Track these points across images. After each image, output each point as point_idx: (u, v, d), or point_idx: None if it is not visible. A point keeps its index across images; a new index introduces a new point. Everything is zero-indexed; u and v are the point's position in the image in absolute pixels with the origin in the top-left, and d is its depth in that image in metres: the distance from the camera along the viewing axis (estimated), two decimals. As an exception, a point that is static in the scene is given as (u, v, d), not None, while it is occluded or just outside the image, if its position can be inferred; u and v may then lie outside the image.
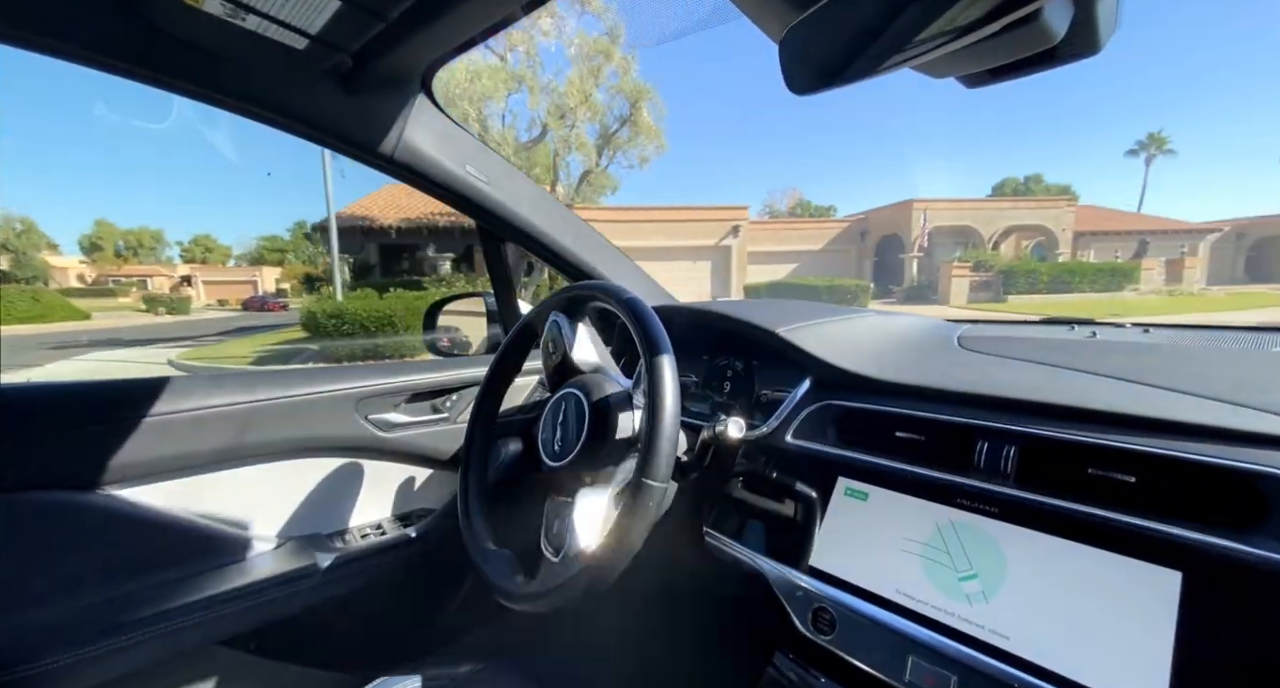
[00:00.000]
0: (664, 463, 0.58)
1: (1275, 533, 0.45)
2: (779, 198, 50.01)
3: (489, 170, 1.03)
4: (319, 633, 1.04)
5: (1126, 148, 42.74)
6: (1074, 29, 0.40)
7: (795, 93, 0.49)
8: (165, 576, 0.86)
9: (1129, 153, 41.93)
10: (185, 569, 0.88)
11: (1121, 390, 0.60)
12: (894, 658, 0.58)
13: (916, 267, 20.39)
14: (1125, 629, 0.48)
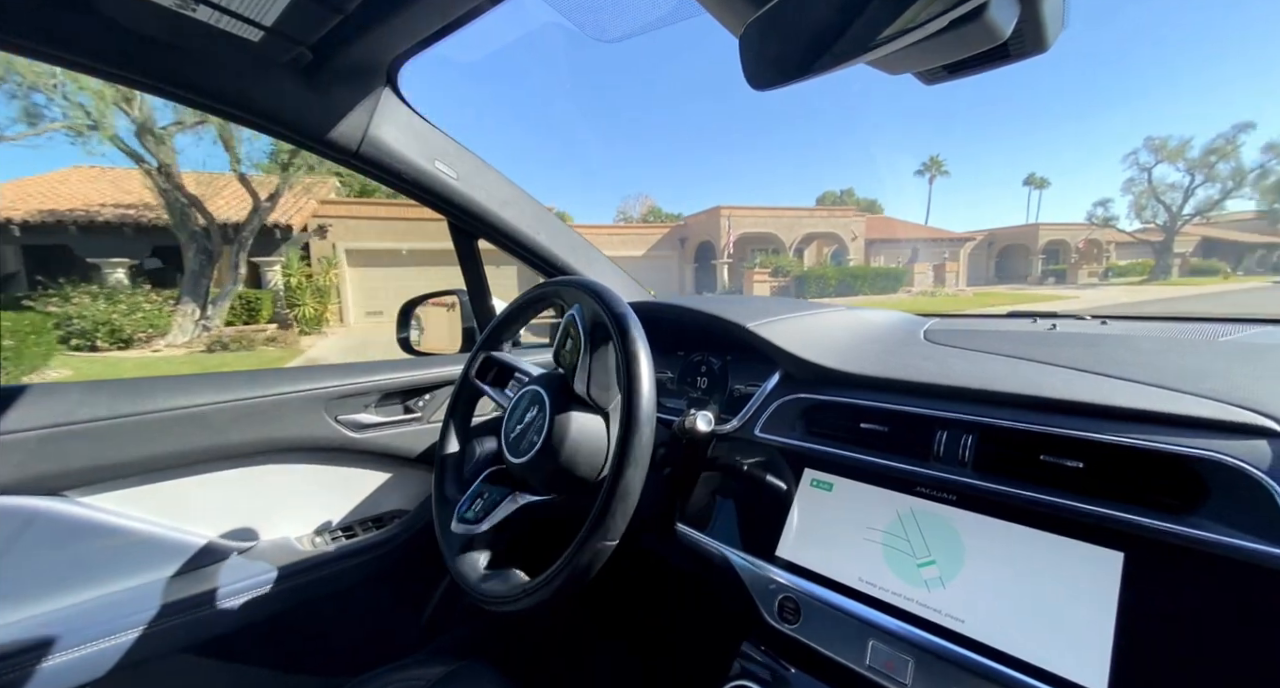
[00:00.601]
0: (642, 452, 0.57)
1: (1212, 515, 0.47)
2: (632, 205, 50.51)
3: (459, 166, 1.03)
4: (289, 638, 1.03)
5: (915, 169, 51.39)
6: (1022, 27, 0.43)
7: (755, 88, 0.50)
8: (126, 583, 0.84)
9: (917, 173, 51.02)
10: (148, 576, 0.86)
11: (1075, 380, 0.62)
12: (855, 644, 0.59)
13: (727, 272, 21.05)
14: (1071, 609, 0.49)
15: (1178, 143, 30.82)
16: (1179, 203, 30.95)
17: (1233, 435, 0.48)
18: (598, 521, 0.57)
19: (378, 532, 1.09)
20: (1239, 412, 0.50)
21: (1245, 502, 0.45)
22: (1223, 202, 31.13)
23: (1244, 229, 35.76)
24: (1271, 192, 34.05)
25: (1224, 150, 30.32)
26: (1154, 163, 31.53)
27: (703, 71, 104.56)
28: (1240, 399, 0.51)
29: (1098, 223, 31.29)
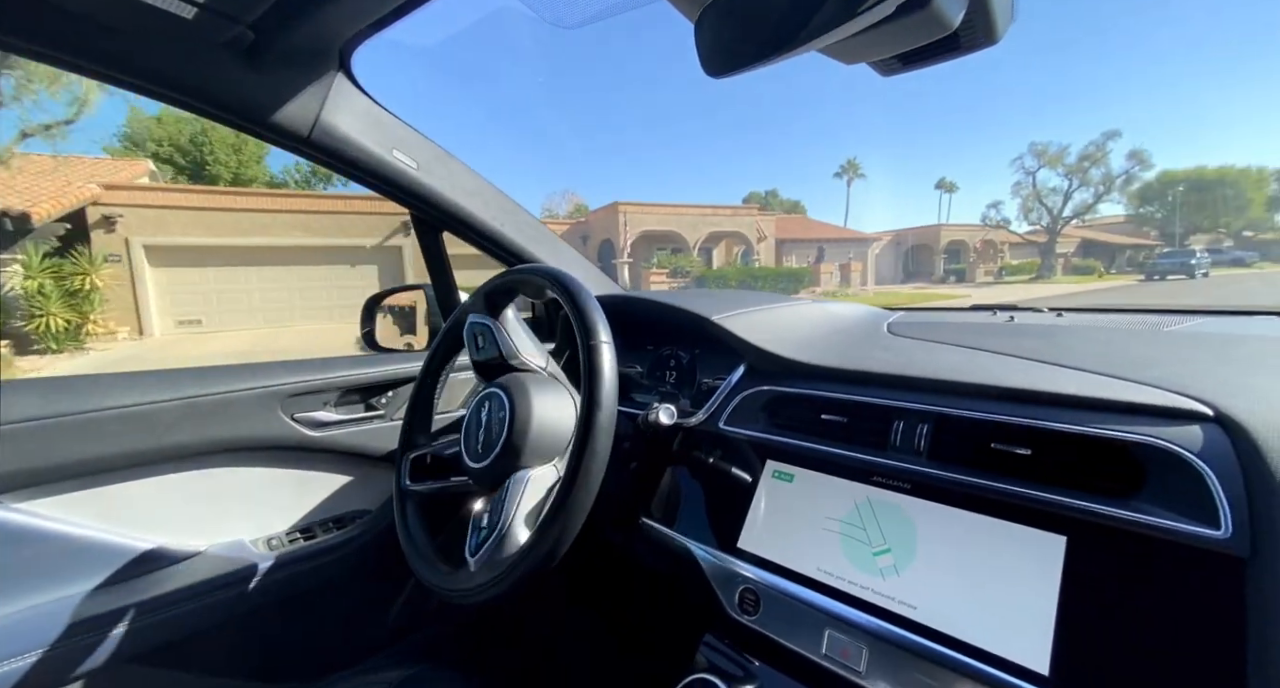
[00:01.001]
0: (602, 444, 0.57)
1: (1149, 498, 0.48)
2: (558, 201, 49.82)
3: (419, 155, 1.00)
4: (245, 644, 1.00)
5: (833, 171, 52.91)
6: (971, 19, 0.43)
7: (710, 74, 0.49)
8: (64, 592, 0.80)
9: (835, 175, 51.95)
10: (87, 584, 0.82)
11: (1028, 369, 0.63)
12: (812, 633, 0.60)
13: (627, 272, 20.09)
14: (1017, 593, 0.50)
15: (1057, 149, 32.86)
16: (1059, 206, 32.85)
17: (1170, 421, 0.50)
18: (555, 512, 0.56)
19: (338, 533, 1.06)
20: (1175, 398, 0.51)
21: (1180, 485, 0.47)
22: (1095, 205, 33.49)
23: (1116, 232, 39.23)
24: (1136, 196, 37.20)
25: (1095, 156, 32.32)
26: (1037, 167, 33.26)
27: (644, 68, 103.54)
28: (1177, 386, 0.53)
29: (991, 224, 32.87)
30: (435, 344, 0.87)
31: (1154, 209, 38.67)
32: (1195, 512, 0.45)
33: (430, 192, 1.04)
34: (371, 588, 1.14)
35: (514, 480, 0.66)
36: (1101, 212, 35.87)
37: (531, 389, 0.72)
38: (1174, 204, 37.00)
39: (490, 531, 0.63)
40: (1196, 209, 37.65)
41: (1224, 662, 0.41)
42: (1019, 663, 0.48)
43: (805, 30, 0.42)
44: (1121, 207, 34.87)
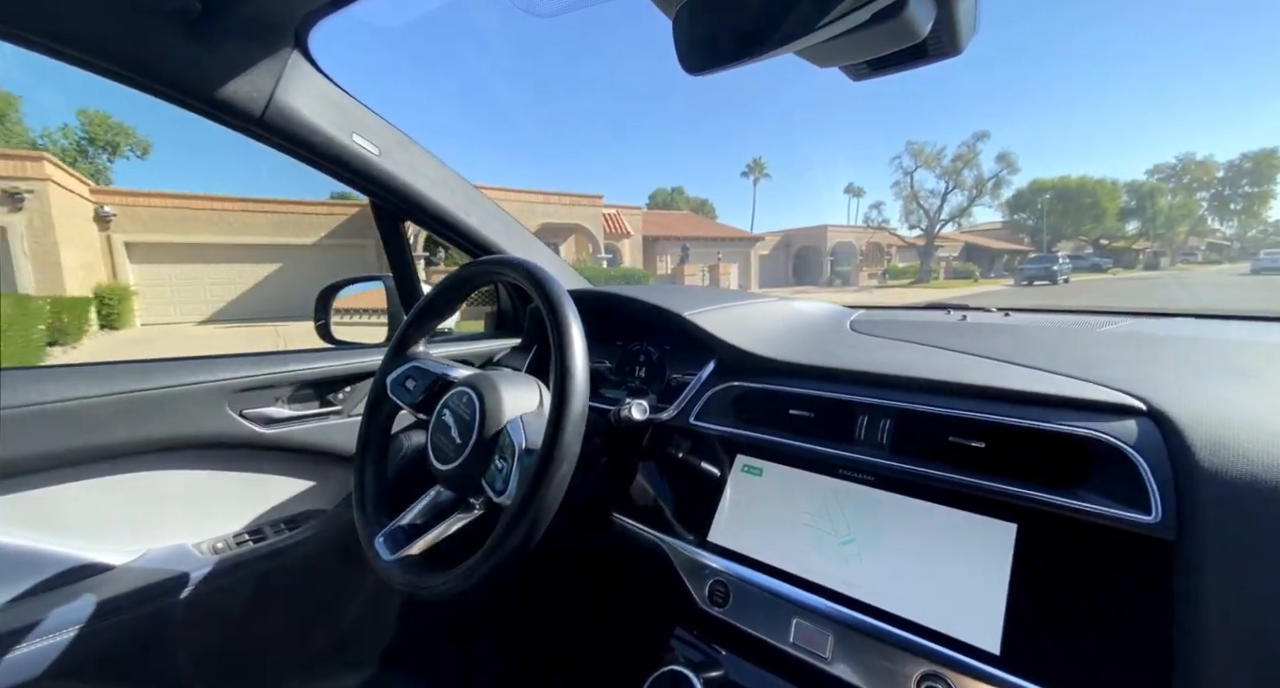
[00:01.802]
0: (572, 440, 0.56)
1: (1091, 487, 0.51)
2: None
3: (380, 140, 0.96)
4: (187, 655, 0.94)
5: (740, 170, 51.87)
6: (938, 28, 0.44)
7: (687, 71, 0.49)
8: None
9: (742, 174, 51.37)
10: (3, 597, 0.76)
11: (980, 366, 0.66)
12: (780, 623, 0.61)
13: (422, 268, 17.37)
14: (972, 578, 0.53)
15: (934, 149, 33.02)
16: (936, 208, 32.78)
17: (1109, 416, 0.53)
18: (524, 507, 0.55)
19: (291, 534, 1.02)
20: (1113, 394, 0.55)
21: (1118, 475, 0.50)
22: (970, 208, 33.57)
23: (995, 237, 40.64)
24: (1009, 203, 38.76)
25: (967, 157, 32.65)
26: (914, 167, 33.08)
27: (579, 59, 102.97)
28: (1115, 383, 0.57)
29: (873, 225, 32.68)
30: (363, 432, 0.83)
31: (1026, 215, 40.16)
32: (1131, 499, 0.48)
33: (392, 179, 1.00)
34: (327, 591, 1.10)
35: (485, 478, 0.64)
36: (976, 215, 36.57)
37: (501, 384, 0.70)
38: (1042, 211, 38.51)
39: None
40: (1062, 216, 38.97)
41: (1155, 637, 0.44)
42: (972, 644, 0.50)
43: (781, 32, 0.42)
44: (995, 211, 35.46)
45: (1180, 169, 45.34)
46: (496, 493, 0.63)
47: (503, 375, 0.74)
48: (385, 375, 0.82)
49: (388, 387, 0.81)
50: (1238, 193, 44.50)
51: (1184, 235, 43.85)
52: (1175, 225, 42.08)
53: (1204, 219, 45.36)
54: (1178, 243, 43.54)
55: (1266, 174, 43.01)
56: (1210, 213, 45.77)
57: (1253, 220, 46.40)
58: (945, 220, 32.89)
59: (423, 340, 0.86)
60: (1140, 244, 41.97)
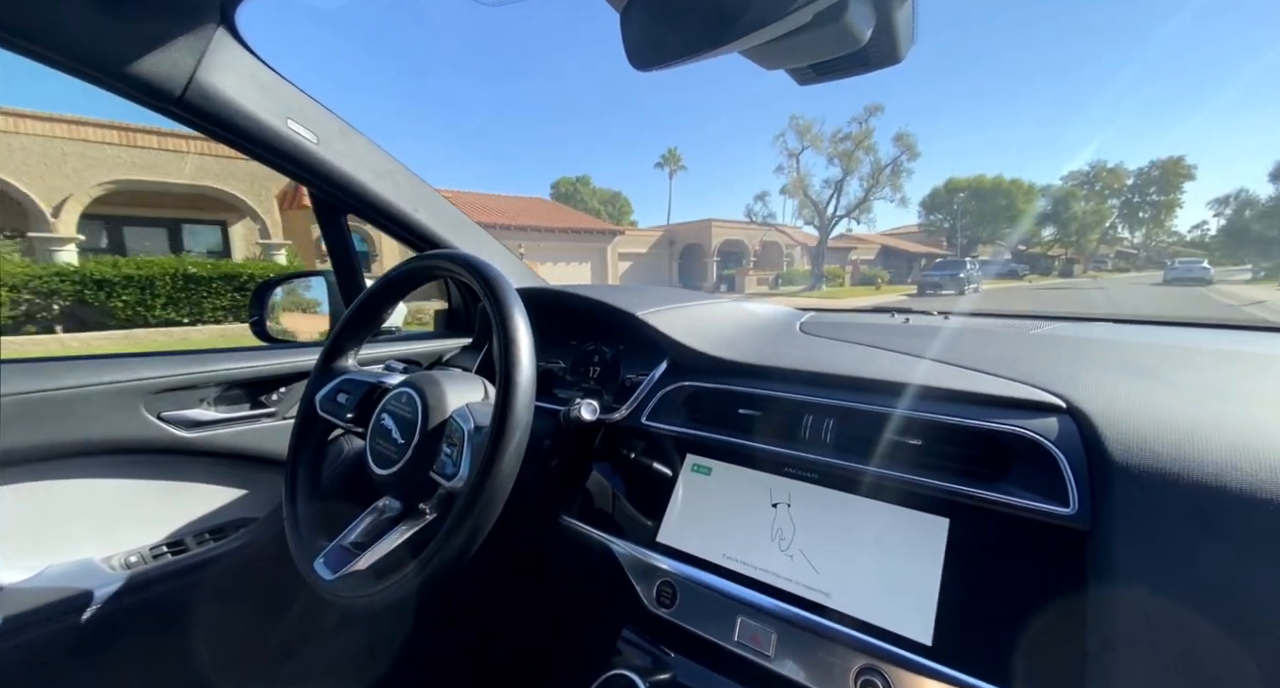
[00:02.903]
0: (516, 442, 0.54)
1: (1016, 481, 0.54)
2: None
3: (320, 129, 0.91)
4: (97, 678, 0.87)
5: (654, 162, 45.72)
6: (878, 36, 0.46)
7: (635, 67, 0.49)
8: None
9: (656, 166, 46.28)
10: None
11: (918, 366, 0.69)
12: (725, 622, 0.62)
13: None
14: (908, 571, 0.55)
15: (823, 126, 28.01)
16: (828, 199, 27.47)
17: (1033, 413, 0.56)
18: (465, 511, 0.53)
19: (217, 544, 0.95)
20: (1037, 392, 0.58)
21: (1041, 469, 0.53)
22: (868, 200, 28.14)
23: (915, 240, 39.17)
24: (925, 201, 37.12)
25: (859, 137, 27.40)
26: (801, 148, 27.47)
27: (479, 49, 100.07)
28: (1039, 382, 0.60)
29: (756, 220, 28.29)
30: (293, 453, 0.78)
31: (942, 217, 38.04)
32: (1051, 492, 0.51)
33: (332, 169, 0.96)
34: (258, 604, 1.04)
35: (434, 468, 0.62)
36: (880, 212, 33.77)
37: (444, 382, 0.68)
38: (958, 212, 36.52)
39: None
40: (978, 219, 37.12)
41: (1074, 625, 0.46)
42: (907, 636, 0.52)
43: (726, 30, 0.43)
44: (898, 207, 31.31)
45: (1093, 176, 45.60)
46: (447, 478, 0.61)
47: (443, 373, 0.71)
48: (314, 392, 0.78)
49: (317, 404, 0.78)
50: (1146, 200, 45.63)
51: (1096, 243, 44.80)
52: (1089, 232, 41.99)
53: (1115, 227, 46.60)
54: (1090, 250, 44.57)
55: (1173, 182, 44.11)
56: (1120, 220, 46.83)
57: (1159, 229, 48.11)
58: (841, 216, 28.01)
59: (354, 351, 0.82)
60: (1056, 251, 42.55)
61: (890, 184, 28.68)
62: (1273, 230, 34.04)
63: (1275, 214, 34.34)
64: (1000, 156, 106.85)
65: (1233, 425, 0.48)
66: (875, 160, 28.37)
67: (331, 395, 0.78)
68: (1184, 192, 44.02)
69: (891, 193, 28.92)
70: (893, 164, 28.31)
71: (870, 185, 28.55)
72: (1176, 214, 46.09)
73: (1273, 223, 34.14)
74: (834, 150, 28.18)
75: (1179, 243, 52.89)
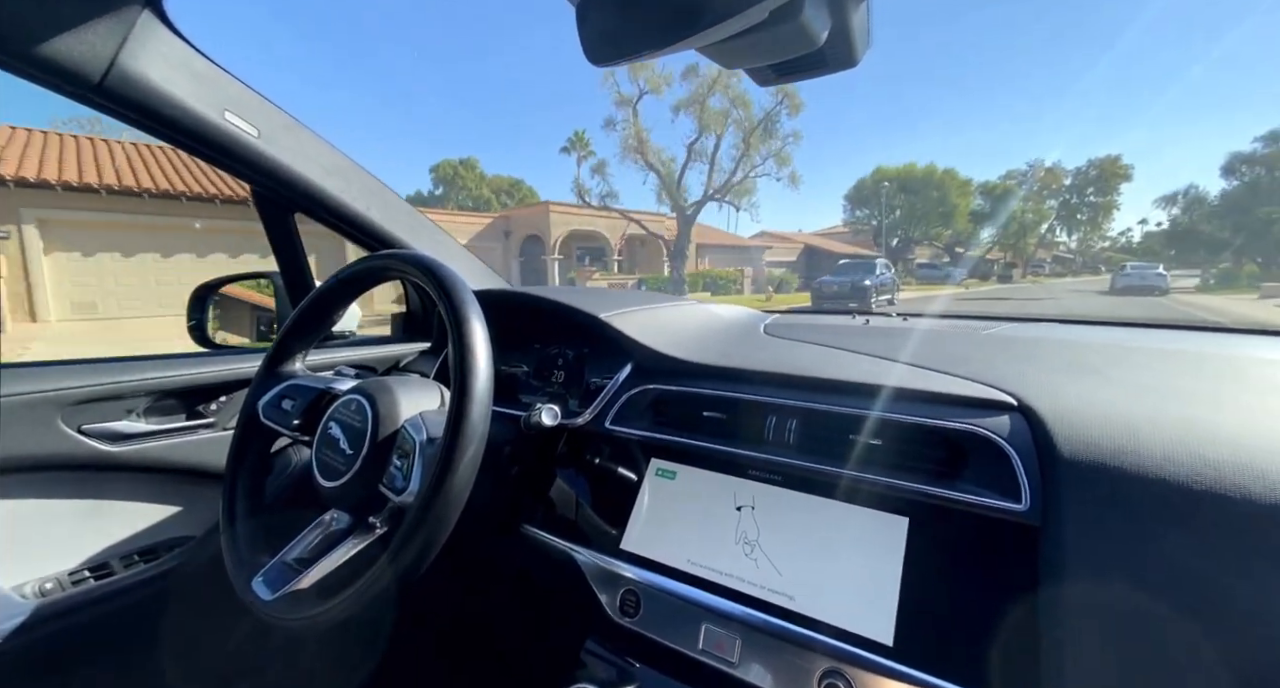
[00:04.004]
0: (469, 454, 0.51)
1: (971, 479, 0.55)
2: None
3: (262, 122, 0.86)
4: None
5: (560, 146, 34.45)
6: (835, 39, 0.46)
7: (593, 63, 0.48)
8: None
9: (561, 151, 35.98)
10: None
11: (877, 366, 0.70)
12: (690, 629, 0.61)
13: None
14: (869, 571, 0.55)
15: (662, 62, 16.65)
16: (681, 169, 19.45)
17: (988, 412, 0.58)
18: (417, 523, 0.50)
19: (148, 566, 0.88)
20: (991, 391, 0.59)
21: (994, 466, 0.54)
22: (746, 178, 19.92)
23: (844, 240, 34.60)
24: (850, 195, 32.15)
25: (722, 81, 18.00)
26: (639, 93, 18.53)
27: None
28: (992, 382, 0.61)
29: (585, 200, 19.80)
30: (232, 461, 0.74)
31: (869, 214, 33.49)
32: (1005, 489, 0.52)
33: (277, 165, 0.90)
34: (196, 631, 0.97)
35: (384, 482, 0.59)
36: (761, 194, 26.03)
37: (397, 389, 0.65)
38: (884, 205, 32.01)
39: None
40: (909, 215, 33.14)
41: (1028, 620, 0.47)
42: (869, 637, 0.52)
43: (683, 26, 0.42)
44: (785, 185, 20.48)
45: (1031, 175, 42.16)
46: (397, 493, 0.58)
47: (397, 378, 0.68)
48: (257, 398, 0.74)
49: (260, 411, 0.73)
50: (1084, 202, 42.54)
51: (1034, 247, 42.96)
52: (1028, 234, 40.05)
53: (1053, 229, 44.81)
54: (1028, 254, 42.53)
55: (1111, 183, 41.01)
56: (1059, 223, 44.83)
57: (1095, 232, 46.48)
58: (712, 196, 19.78)
59: (302, 354, 0.78)
60: (995, 254, 40.39)
61: (775, 156, 19.70)
62: (1223, 232, 29.87)
63: (1227, 213, 30.04)
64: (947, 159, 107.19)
65: (1170, 421, 0.50)
66: (747, 118, 18.97)
67: (276, 402, 0.73)
68: (1121, 194, 42.17)
69: (777, 168, 20.06)
70: (766, 120, 19.17)
71: (741, 153, 19.28)
72: (1114, 217, 44.56)
73: (1223, 224, 29.97)
74: (685, 97, 18.86)
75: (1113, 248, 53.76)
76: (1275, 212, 26.08)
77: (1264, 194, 27.78)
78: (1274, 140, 28.42)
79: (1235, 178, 29.90)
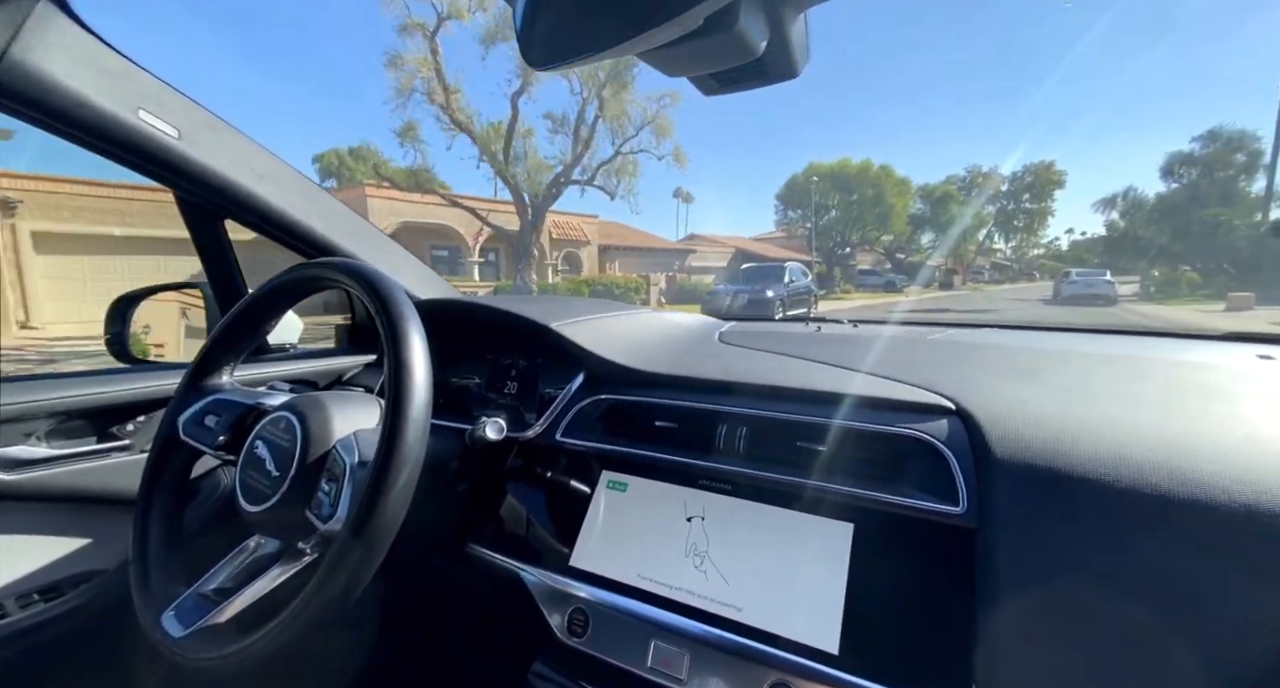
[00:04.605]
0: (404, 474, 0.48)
1: (912, 482, 0.56)
2: None
3: (182, 121, 0.81)
4: None
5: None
6: (774, 50, 0.46)
7: (530, 65, 0.47)
8: None
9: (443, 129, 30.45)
10: None
11: (825, 372, 0.70)
12: (639, 647, 0.60)
13: None
14: (815, 580, 0.55)
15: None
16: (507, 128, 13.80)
17: (928, 416, 0.59)
18: (346, 548, 0.47)
19: (50, 606, 0.80)
20: (931, 395, 0.61)
21: (935, 470, 0.55)
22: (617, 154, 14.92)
23: (780, 244, 33.12)
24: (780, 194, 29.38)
25: None
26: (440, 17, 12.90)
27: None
28: (932, 386, 0.63)
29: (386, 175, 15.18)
30: (146, 484, 0.69)
31: (801, 214, 30.90)
32: (944, 492, 0.53)
33: (201, 168, 0.85)
34: (105, 676, 0.89)
35: (310, 508, 0.55)
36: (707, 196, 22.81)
37: (330, 406, 0.61)
38: (818, 205, 29.75)
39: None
40: (845, 216, 30.67)
41: (966, 622, 0.48)
42: (815, 646, 0.52)
43: (619, 31, 0.41)
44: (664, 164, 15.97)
45: (969, 180, 41.04)
46: (323, 520, 0.54)
47: (333, 394, 0.64)
48: (177, 414, 0.68)
49: (180, 427, 0.68)
50: (1020, 208, 42.12)
51: (974, 253, 42.95)
52: (967, 239, 39.50)
53: (991, 235, 44.76)
54: (968, 260, 42.46)
55: (1045, 189, 40.67)
56: (996, 229, 42.82)
57: (1031, 238, 46.74)
58: (569, 179, 14.63)
59: (230, 367, 0.73)
60: (936, 261, 38.84)
61: (652, 124, 14.27)
62: (1162, 237, 27.76)
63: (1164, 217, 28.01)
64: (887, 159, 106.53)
65: (1096, 421, 0.52)
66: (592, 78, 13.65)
67: (198, 418, 0.68)
68: (1055, 200, 42.41)
69: (656, 142, 14.53)
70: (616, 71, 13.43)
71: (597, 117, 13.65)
72: (1049, 223, 44.66)
73: (1161, 228, 27.88)
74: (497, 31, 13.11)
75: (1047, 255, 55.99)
76: (1222, 214, 23.79)
77: (1203, 197, 25.79)
78: (1213, 139, 26.81)
79: (1174, 180, 28.10)
